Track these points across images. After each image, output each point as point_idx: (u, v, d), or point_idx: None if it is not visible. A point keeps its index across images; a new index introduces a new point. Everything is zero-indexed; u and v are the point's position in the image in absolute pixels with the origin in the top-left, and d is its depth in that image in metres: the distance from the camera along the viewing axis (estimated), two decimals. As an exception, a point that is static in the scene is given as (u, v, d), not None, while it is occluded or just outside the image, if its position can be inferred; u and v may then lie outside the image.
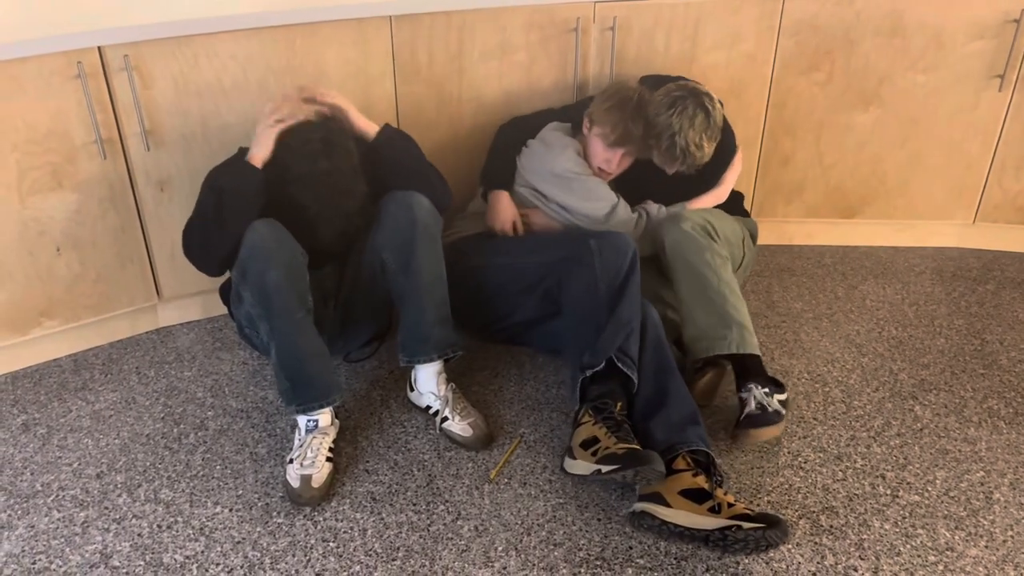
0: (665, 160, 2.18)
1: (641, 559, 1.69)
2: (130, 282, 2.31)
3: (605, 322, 1.92)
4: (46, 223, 2.13)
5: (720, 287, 2.06)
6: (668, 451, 1.77)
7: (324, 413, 1.92)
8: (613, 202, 2.20)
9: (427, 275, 1.98)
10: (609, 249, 1.98)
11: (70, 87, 2.03)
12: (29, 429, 2.08)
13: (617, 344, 1.89)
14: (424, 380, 2.06)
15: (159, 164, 2.20)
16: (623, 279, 1.96)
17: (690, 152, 2.12)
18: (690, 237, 2.10)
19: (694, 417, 1.84)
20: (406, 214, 1.96)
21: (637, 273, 1.98)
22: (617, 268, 1.96)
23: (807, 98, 2.65)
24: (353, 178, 1.95)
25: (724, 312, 2.05)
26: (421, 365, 2.04)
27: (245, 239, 1.86)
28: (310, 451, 1.86)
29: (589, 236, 2.02)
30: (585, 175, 2.21)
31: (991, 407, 2.14)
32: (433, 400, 2.04)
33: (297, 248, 1.89)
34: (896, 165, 2.75)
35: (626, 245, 1.99)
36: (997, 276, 2.76)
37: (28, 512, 1.83)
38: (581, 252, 2.00)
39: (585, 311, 1.97)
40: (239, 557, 1.71)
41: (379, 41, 2.29)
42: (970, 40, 2.54)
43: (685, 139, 2.10)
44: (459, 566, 1.68)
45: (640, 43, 2.50)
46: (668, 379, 1.90)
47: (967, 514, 1.81)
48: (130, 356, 2.35)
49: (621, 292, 1.95)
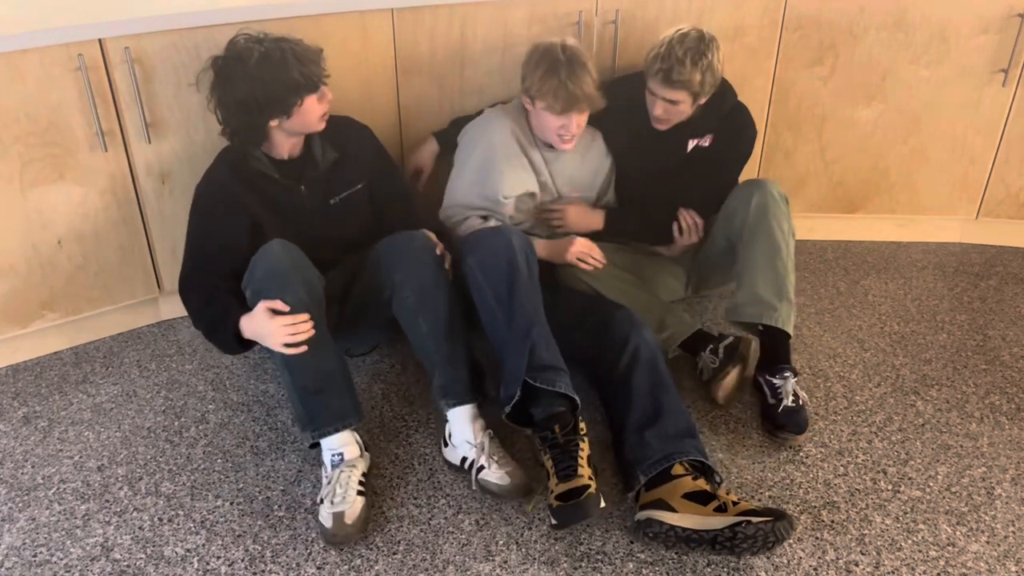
0: (651, 77, 2.13)
1: (642, 553, 1.69)
2: (131, 275, 2.31)
3: (507, 339, 1.83)
4: (48, 215, 2.13)
5: (787, 260, 2.07)
6: (665, 460, 1.74)
7: (348, 445, 1.82)
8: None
9: (448, 317, 1.90)
10: (488, 261, 1.87)
11: (71, 79, 2.02)
12: (30, 422, 2.07)
13: (523, 366, 1.77)
14: (459, 429, 1.87)
15: (160, 157, 2.20)
16: (508, 287, 1.84)
17: (673, 59, 2.05)
18: (776, 202, 2.09)
19: (690, 431, 1.81)
20: (432, 263, 1.90)
21: (520, 273, 1.85)
22: (499, 276, 1.85)
23: (810, 92, 2.64)
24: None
25: (783, 285, 2.05)
26: (455, 409, 1.87)
27: (260, 261, 1.80)
28: (339, 487, 1.74)
29: (465, 255, 1.92)
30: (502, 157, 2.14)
31: (993, 403, 2.14)
32: (468, 449, 1.85)
33: (314, 271, 1.85)
34: (899, 160, 2.74)
35: (503, 247, 1.87)
36: (1000, 271, 2.75)
37: (29, 505, 1.83)
38: (465, 272, 1.91)
39: (491, 334, 1.89)
40: (240, 550, 1.71)
41: (381, 34, 2.28)
42: (974, 35, 2.53)
43: (670, 47, 2.06)
44: (460, 560, 1.68)
45: (643, 36, 2.48)
46: (663, 395, 1.85)
47: (968, 509, 1.81)
48: (131, 349, 2.35)
49: (511, 301, 1.83)
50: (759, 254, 2.07)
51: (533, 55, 2.07)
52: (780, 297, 2.05)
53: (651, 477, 1.73)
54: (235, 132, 1.93)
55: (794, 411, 1.98)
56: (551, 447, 1.76)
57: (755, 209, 2.08)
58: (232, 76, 1.85)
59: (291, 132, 1.93)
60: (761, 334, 2.11)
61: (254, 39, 1.86)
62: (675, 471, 1.73)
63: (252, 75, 1.82)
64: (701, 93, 2.14)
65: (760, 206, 2.08)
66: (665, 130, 2.24)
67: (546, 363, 1.79)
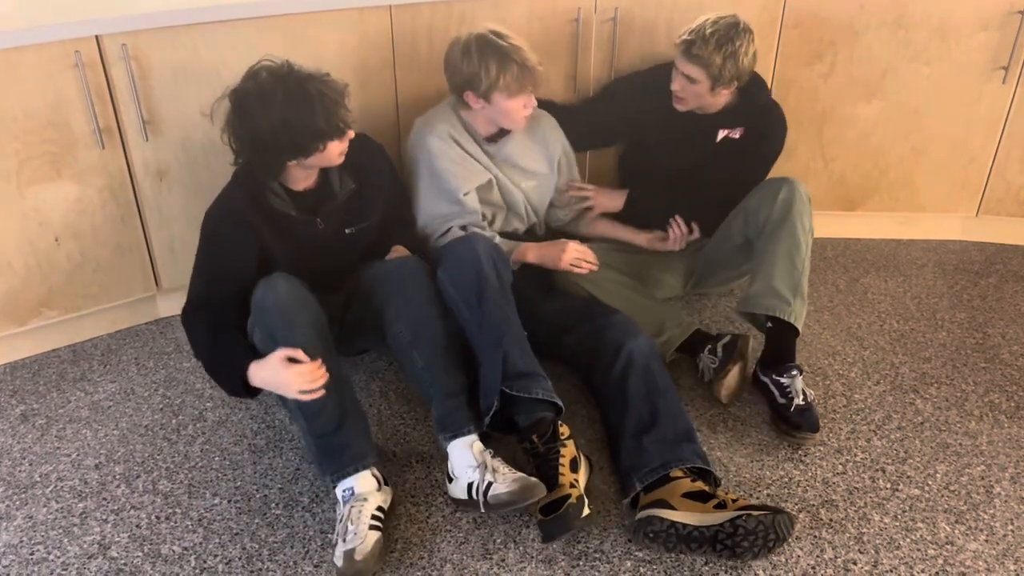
0: (676, 48, 2.19)
1: (640, 552, 1.69)
2: (129, 272, 2.31)
3: (482, 351, 1.82)
4: (45, 213, 2.12)
5: (805, 258, 2.08)
6: (662, 468, 1.73)
7: (360, 479, 1.72)
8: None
9: (444, 349, 1.86)
10: (456, 272, 1.86)
11: (68, 76, 2.02)
12: (28, 419, 2.07)
13: (498, 375, 1.75)
14: (459, 458, 1.76)
15: (158, 154, 2.19)
16: (477, 298, 1.82)
17: (700, 34, 2.12)
18: (803, 200, 2.10)
19: (688, 435, 1.81)
20: (425, 295, 1.88)
21: (488, 282, 1.83)
22: (468, 287, 1.83)
23: (809, 89, 2.63)
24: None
25: (799, 282, 2.05)
26: (454, 442, 1.78)
27: (266, 300, 1.74)
28: (350, 523, 1.64)
29: (437, 268, 1.90)
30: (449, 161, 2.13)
31: (992, 401, 2.14)
32: (471, 473, 1.71)
33: (317, 306, 1.80)
34: (899, 157, 2.73)
35: (469, 258, 1.85)
36: (1000, 269, 2.75)
37: (26, 503, 1.82)
38: (439, 286, 1.89)
39: (472, 345, 1.87)
40: (237, 548, 1.71)
41: (379, 30, 2.27)
42: (974, 32, 2.52)
43: (703, 24, 2.13)
44: (458, 558, 1.68)
45: (642, 34, 2.48)
46: (659, 400, 1.84)
47: (967, 508, 1.81)
48: (129, 347, 2.34)
49: (480, 311, 1.81)
50: (780, 248, 2.07)
51: (469, 54, 2.00)
52: (795, 293, 2.04)
53: (648, 483, 1.73)
54: (249, 163, 1.86)
55: (806, 409, 1.97)
56: (533, 457, 1.76)
57: (781, 204, 2.09)
58: (251, 113, 1.75)
59: (309, 167, 1.87)
60: (768, 330, 2.10)
61: (277, 75, 1.75)
62: (673, 474, 1.73)
63: (273, 117, 1.72)
64: (720, 79, 2.16)
65: (786, 201, 2.09)
66: (697, 117, 2.29)
67: (521, 370, 1.78)
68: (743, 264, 2.29)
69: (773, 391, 2.03)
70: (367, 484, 1.72)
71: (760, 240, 2.12)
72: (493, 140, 2.18)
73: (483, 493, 1.66)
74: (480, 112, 2.10)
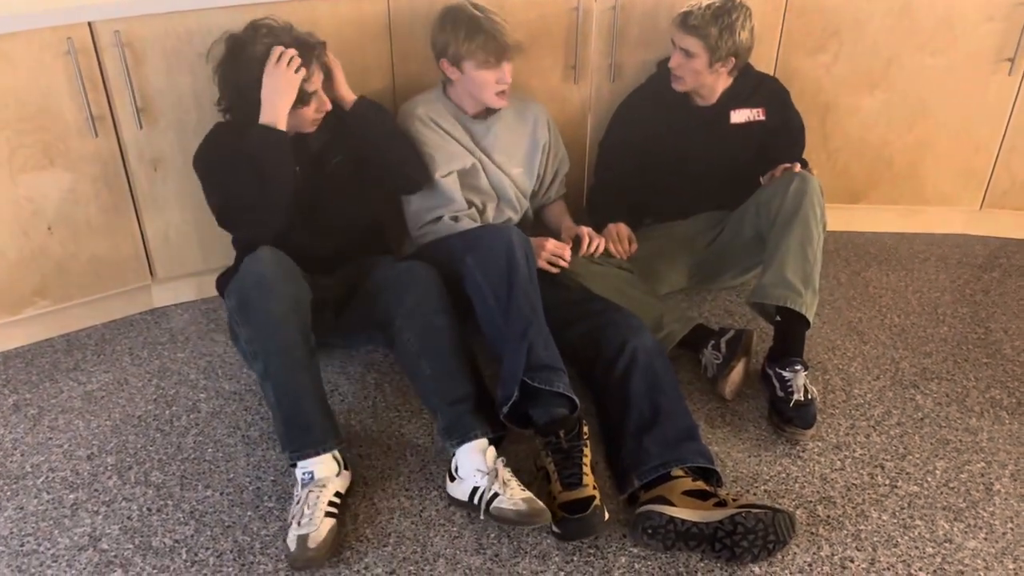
0: (673, 22, 2.23)
1: (635, 547, 1.67)
2: (123, 262, 2.29)
3: (505, 338, 1.79)
4: (38, 202, 2.11)
5: (817, 250, 2.06)
6: (662, 467, 1.71)
7: (321, 463, 1.72)
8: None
9: (453, 357, 1.85)
10: (488, 259, 1.84)
11: (61, 63, 1.99)
12: (20, 409, 2.06)
13: (521, 365, 1.73)
14: (467, 461, 1.72)
15: (152, 143, 2.17)
16: (507, 286, 1.80)
17: (697, 6, 2.16)
18: (816, 192, 2.09)
19: (690, 433, 1.78)
20: (434, 303, 1.87)
21: (520, 271, 1.81)
22: (499, 275, 1.81)
23: (812, 79, 2.60)
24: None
25: (810, 273, 2.04)
26: (463, 446, 1.74)
27: (249, 269, 1.76)
28: (307, 507, 1.64)
29: (464, 253, 1.88)
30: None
31: (993, 397, 2.11)
32: (479, 478, 1.68)
33: (302, 283, 1.81)
34: (903, 149, 2.71)
35: (503, 245, 1.83)
36: (1003, 264, 2.72)
37: (17, 493, 1.81)
38: (463, 272, 1.87)
39: (488, 333, 1.86)
40: (229, 541, 1.69)
41: (376, 16, 2.25)
42: (980, 22, 2.49)
43: (700, 1, 2.17)
44: (451, 553, 1.67)
45: (643, 23, 2.45)
46: (660, 397, 1.82)
47: (967, 505, 1.79)
48: (123, 337, 2.33)
49: (509, 300, 1.79)
50: (793, 238, 2.05)
51: (444, 21, 2.08)
52: (807, 284, 2.02)
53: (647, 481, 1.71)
54: (228, 110, 1.98)
55: (803, 405, 1.95)
56: (554, 451, 1.73)
57: (794, 194, 2.08)
58: (238, 60, 1.89)
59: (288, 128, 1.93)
60: (777, 323, 2.07)
61: (275, 32, 1.90)
62: (674, 473, 1.71)
63: (254, 70, 1.86)
64: (717, 51, 2.17)
65: (799, 192, 2.07)
66: (703, 109, 2.33)
67: (544, 363, 1.76)
68: (753, 260, 2.27)
69: (775, 384, 2.01)
70: (327, 468, 1.71)
71: (772, 231, 2.11)
72: (480, 118, 2.19)
73: (486, 502, 1.64)
74: (459, 85, 2.14)
